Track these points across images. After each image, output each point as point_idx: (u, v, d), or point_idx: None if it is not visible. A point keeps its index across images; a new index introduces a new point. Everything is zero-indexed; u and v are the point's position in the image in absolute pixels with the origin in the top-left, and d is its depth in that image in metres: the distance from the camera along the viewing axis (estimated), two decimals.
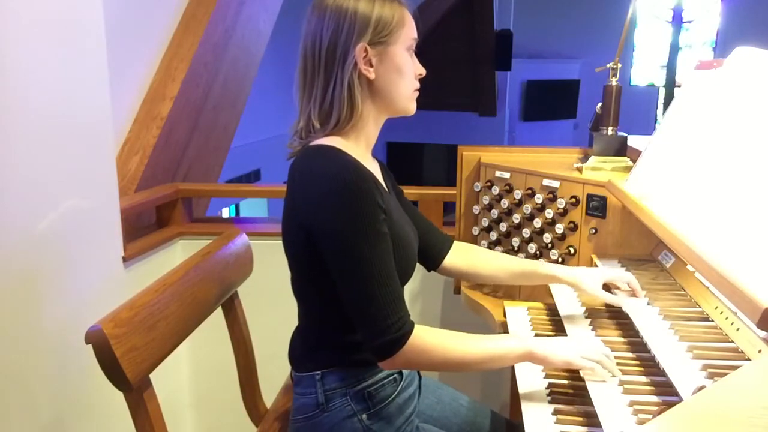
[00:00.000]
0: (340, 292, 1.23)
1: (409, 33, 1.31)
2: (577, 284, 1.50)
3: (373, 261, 1.19)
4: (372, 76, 1.28)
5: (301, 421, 1.36)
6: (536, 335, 1.55)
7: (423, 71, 1.36)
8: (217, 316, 1.59)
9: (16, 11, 1.56)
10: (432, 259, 1.56)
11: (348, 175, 1.20)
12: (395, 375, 1.36)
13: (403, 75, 1.31)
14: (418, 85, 1.36)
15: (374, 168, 1.37)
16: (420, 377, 1.50)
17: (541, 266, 1.56)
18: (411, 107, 1.36)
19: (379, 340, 1.20)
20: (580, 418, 1.21)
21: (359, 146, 1.33)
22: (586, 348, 1.26)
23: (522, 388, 1.33)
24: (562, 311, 1.55)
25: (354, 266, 1.20)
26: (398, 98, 1.33)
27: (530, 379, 1.36)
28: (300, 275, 1.34)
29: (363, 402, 1.32)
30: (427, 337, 1.24)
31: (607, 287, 1.50)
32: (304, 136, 1.32)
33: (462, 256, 1.58)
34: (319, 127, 1.29)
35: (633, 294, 1.44)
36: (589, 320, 1.48)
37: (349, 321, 1.28)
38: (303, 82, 1.31)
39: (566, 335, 1.43)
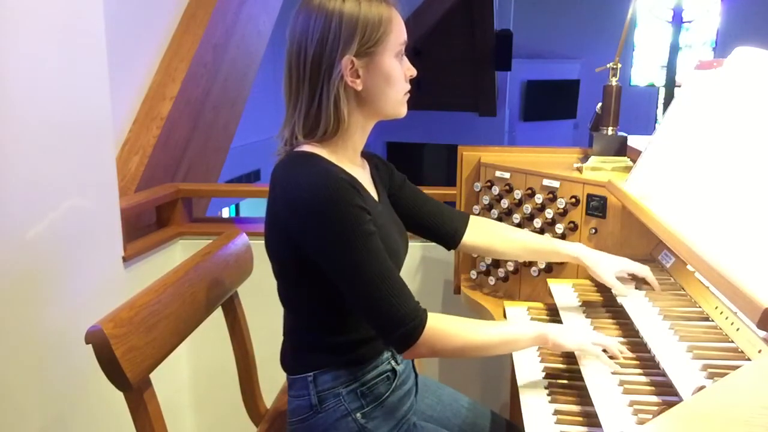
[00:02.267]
0: (346, 297, 1.23)
1: (397, 38, 1.28)
2: (595, 266, 1.50)
3: (368, 262, 1.19)
4: (359, 87, 1.26)
5: (296, 424, 1.36)
6: None
7: (414, 72, 1.33)
8: (217, 316, 1.59)
9: (16, 11, 1.56)
10: (449, 239, 1.55)
11: (325, 185, 1.19)
12: (388, 373, 1.36)
13: (391, 83, 1.28)
14: (408, 87, 1.33)
15: (361, 173, 1.36)
16: (416, 375, 1.49)
17: (561, 244, 1.57)
18: (401, 111, 1.33)
19: (397, 333, 1.20)
20: (580, 418, 1.21)
21: (346, 152, 1.32)
22: (596, 335, 1.30)
23: (522, 388, 1.33)
24: (562, 311, 1.55)
25: (352, 271, 1.20)
26: (387, 105, 1.30)
27: (530, 379, 1.36)
28: (287, 281, 1.34)
29: (357, 401, 1.32)
30: (444, 324, 1.24)
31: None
32: (289, 145, 1.31)
33: (481, 233, 1.58)
34: (303, 138, 1.28)
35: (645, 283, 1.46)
36: (589, 320, 1.48)
37: (338, 322, 1.29)
38: (289, 93, 1.29)
39: None
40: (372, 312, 1.21)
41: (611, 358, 1.27)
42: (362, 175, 1.36)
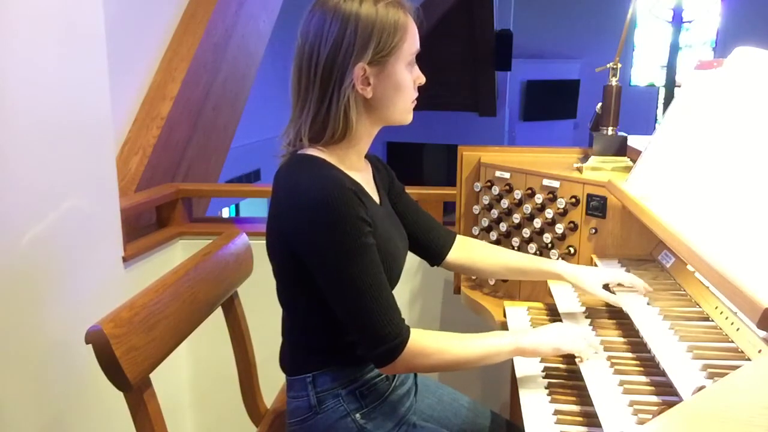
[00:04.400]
0: (333, 306, 1.23)
1: (410, 47, 1.26)
2: (579, 282, 1.50)
3: (362, 275, 1.19)
4: (369, 95, 1.25)
5: (296, 425, 1.36)
6: None
7: (423, 80, 1.31)
8: (217, 316, 1.59)
9: (16, 11, 1.56)
10: (435, 256, 1.56)
11: (329, 193, 1.18)
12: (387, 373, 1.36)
13: (401, 91, 1.27)
14: (416, 95, 1.32)
15: (364, 176, 1.35)
16: (416, 375, 1.49)
17: (543, 262, 1.56)
18: (408, 118, 1.32)
19: (378, 350, 1.21)
20: (580, 418, 1.21)
21: (350, 157, 1.31)
22: (570, 333, 1.31)
23: (522, 388, 1.33)
24: (562, 311, 1.55)
25: (343, 283, 1.20)
26: (394, 113, 1.29)
27: (530, 379, 1.36)
28: (285, 283, 1.34)
29: (356, 401, 1.32)
30: (425, 341, 1.24)
31: (608, 288, 1.50)
32: (293, 146, 1.30)
33: (464, 251, 1.58)
34: (307, 143, 1.27)
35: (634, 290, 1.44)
36: (589, 320, 1.48)
37: (336, 324, 1.28)
38: (297, 93, 1.28)
39: None
40: (357, 325, 1.21)
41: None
42: (365, 178, 1.36)
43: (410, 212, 1.52)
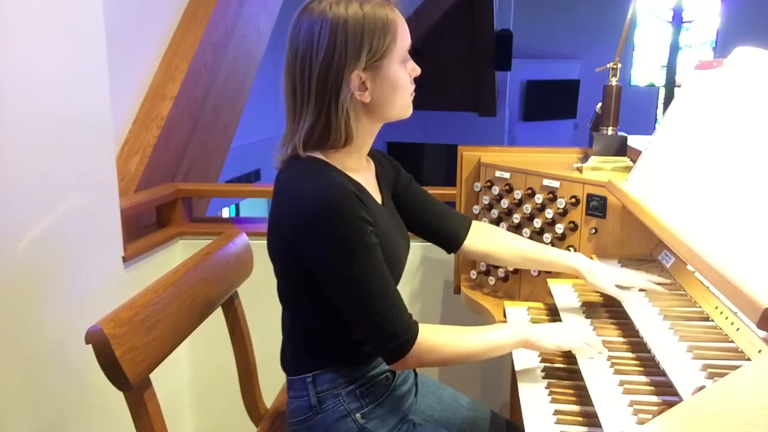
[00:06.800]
0: (339, 306, 1.23)
1: (403, 45, 1.25)
2: (593, 279, 1.48)
3: (368, 275, 1.20)
4: (367, 99, 1.24)
5: (296, 425, 1.36)
6: None
7: (418, 71, 1.30)
8: (217, 316, 1.59)
9: (16, 11, 1.56)
10: (451, 242, 1.56)
11: (330, 195, 1.18)
12: (387, 373, 1.37)
13: (398, 90, 1.26)
14: (413, 87, 1.31)
15: (366, 175, 1.35)
16: (416, 375, 1.49)
17: (561, 256, 1.56)
18: (408, 113, 1.32)
19: (388, 346, 1.21)
20: (580, 418, 1.21)
21: (351, 158, 1.30)
22: (574, 332, 1.34)
23: (522, 388, 1.33)
24: (562, 311, 1.55)
25: (349, 284, 1.20)
26: (394, 111, 1.29)
27: (530, 379, 1.36)
28: (287, 283, 1.34)
29: (356, 401, 1.33)
30: (433, 336, 1.25)
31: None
32: (290, 156, 1.29)
33: (483, 238, 1.58)
34: (306, 152, 1.26)
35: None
36: (589, 320, 1.48)
37: (337, 324, 1.28)
38: (292, 107, 1.26)
39: None
40: (366, 324, 1.22)
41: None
42: (367, 177, 1.36)
43: (420, 201, 1.52)
